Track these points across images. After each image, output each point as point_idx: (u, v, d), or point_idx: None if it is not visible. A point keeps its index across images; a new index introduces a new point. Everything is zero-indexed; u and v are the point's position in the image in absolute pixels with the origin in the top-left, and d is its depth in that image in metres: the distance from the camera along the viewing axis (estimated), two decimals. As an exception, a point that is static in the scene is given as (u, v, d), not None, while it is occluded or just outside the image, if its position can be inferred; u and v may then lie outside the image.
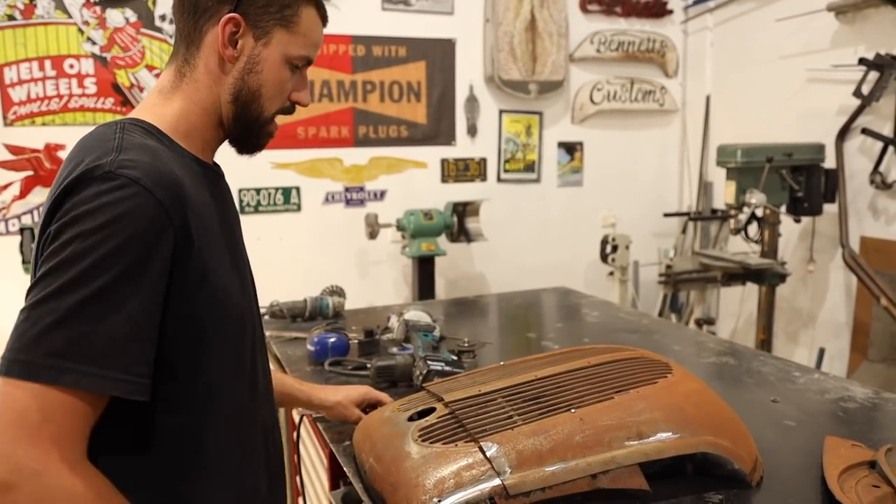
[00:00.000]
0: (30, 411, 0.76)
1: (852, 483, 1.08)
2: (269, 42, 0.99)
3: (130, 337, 0.81)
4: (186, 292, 0.88)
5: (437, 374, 1.48)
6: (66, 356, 0.77)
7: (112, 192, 0.81)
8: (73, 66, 3.13)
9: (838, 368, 3.36)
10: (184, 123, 1.00)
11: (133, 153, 0.86)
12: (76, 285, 0.79)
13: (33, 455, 0.76)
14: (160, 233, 0.84)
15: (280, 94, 1.03)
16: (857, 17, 3.19)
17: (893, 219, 3.12)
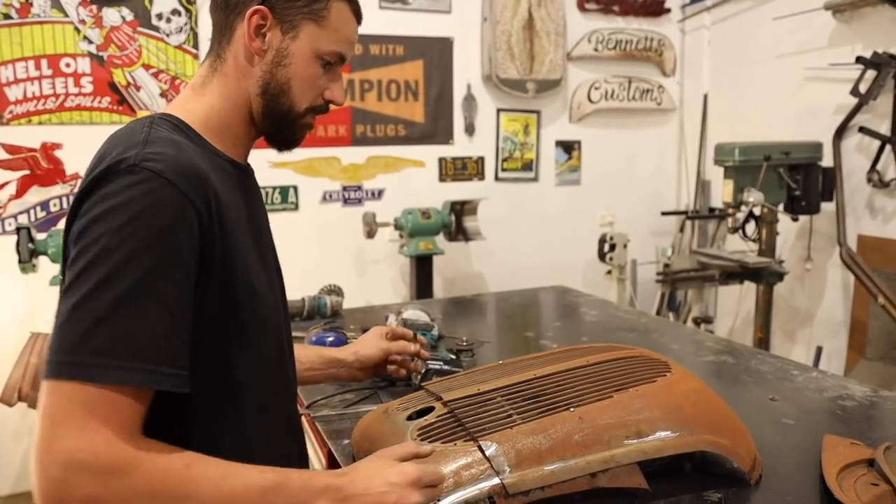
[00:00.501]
0: (73, 406, 0.76)
1: (851, 481, 1.08)
2: (298, 35, 0.99)
3: (171, 329, 0.82)
4: (212, 285, 0.89)
5: (436, 373, 1.48)
6: (112, 354, 0.78)
7: (137, 186, 0.82)
8: (69, 64, 3.12)
9: (836, 367, 3.37)
10: (214, 119, 1.00)
11: (158, 146, 0.87)
12: (112, 281, 0.79)
13: (81, 445, 0.76)
14: (187, 224, 0.84)
15: (311, 89, 1.02)
16: (855, 15, 3.19)
17: (891, 217, 3.13)
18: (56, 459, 0.76)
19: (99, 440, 0.77)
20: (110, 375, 0.77)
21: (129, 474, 0.77)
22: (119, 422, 0.79)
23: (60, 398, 0.77)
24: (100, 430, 0.77)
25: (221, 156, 1.00)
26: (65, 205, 3.18)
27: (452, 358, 1.56)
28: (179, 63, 3.29)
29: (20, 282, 3.00)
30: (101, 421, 0.77)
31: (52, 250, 2.80)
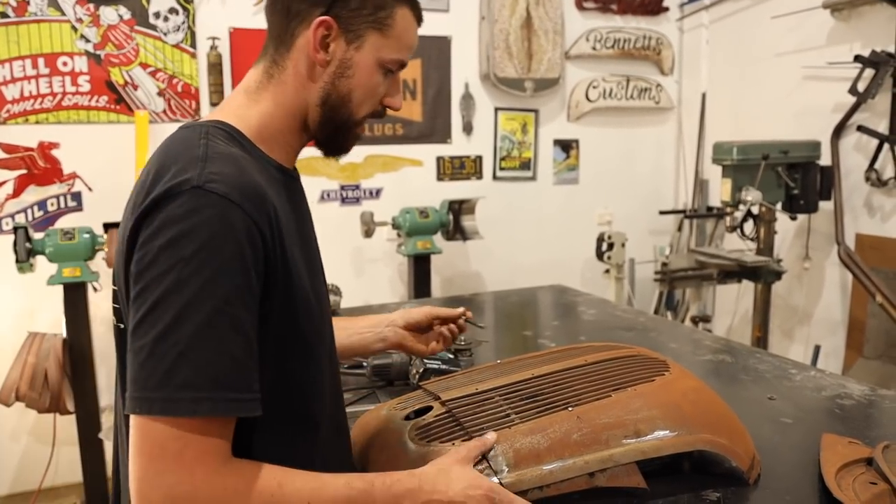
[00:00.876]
0: (168, 440, 0.78)
1: (850, 480, 1.07)
2: (362, 46, 0.97)
3: (248, 354, 0.83)
4: (275, 301, 0.89)
5: (434, 372, 1.48)
6: (197, 387, 0.79)
7: (203, 210, 0.81)
8: (66, 63, 3.11)
9: (834, 366, 3.37)
10: (268, 127, 0.98)
11: (218, 164, 0.86)
12: (190, 314, 0.79)
13: (181, 479, 0.78)
14: (254, 246, 0.84)
15: (371, 98, 1.01)
16: (853, 14, 3.19)
17: (889, 216, 3.13)
18: (158, 494, 0.78)
19: (198, 473, 0.79)
20: (200, 408, 0.79)
21: (228, 500, 0.80)
22: (213, 451, 0.81)
23: (155, 434, 0.79)
24: (196, 462, 0.79)
25: (273, 164, 0.99)
26: (62, 204, 3.18)
27: (450, 357, 1.56)
28: (177, 62, 3.28)
29: (17, 282, 2.99)
30: (196, 453, 0.79)
31: (50, 250, 2.80)
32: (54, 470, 3.14)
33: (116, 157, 3.18)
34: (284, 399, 0.93)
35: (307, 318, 0.95)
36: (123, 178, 3.09)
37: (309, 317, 0.96)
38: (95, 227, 2.93)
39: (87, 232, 2.87)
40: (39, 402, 2.83)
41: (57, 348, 2.86)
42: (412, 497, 0.91)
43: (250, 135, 0.97)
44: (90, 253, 2.87)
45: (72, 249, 2.82)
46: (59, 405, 2.87)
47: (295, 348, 0.94)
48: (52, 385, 2.82)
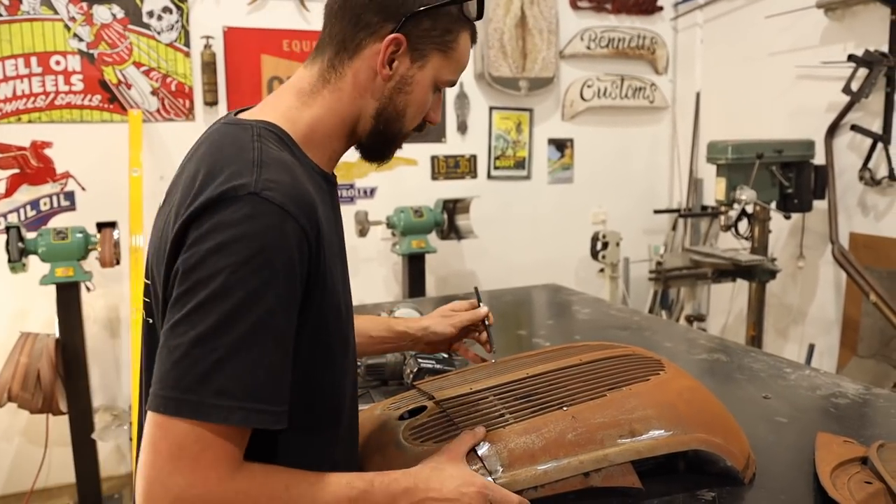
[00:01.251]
0: (188, 442, 0.78)
1: (845, 479, 1.07)
2: (425, 65, 0.98)
3: (284, 367, 0.83)
4: (311, 310, 0.88)
5: (428, 372, 1.47)
6: (233, 395, 0.79)
7: (259, 219, 0.81)
8: (59, 62, 3.09)
9: (828, 364, 3.37)
10: (317, 132, 0.98)
11: (274, 171, 0.85)
12: (234, 321, 0.79)
13: (193, 481, 0.78)
14: (303, 260, 0.84)
15: (420, 113, 1.02)
16: (846, 13, 3.20)
17: (882, 215, 3.13)
18: (169, 493, 0.78)
19: (212, 478, 0.79)
20: (232, 417, 0.79)
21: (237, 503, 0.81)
22: (229, 457, 0.80)
23: (176, 434, 0.78)
24: (212, 467, 0.79)
25: (318, 170, 0.98)
26: (55, 203, 3.16)
27: (445, 357, 1.55)
28: (171, 61, 3.27)
29: (10, 281, 2.98)
30: (213, 457, 0.79)
31: (42, 249, 2.78)
32: (47, 471, 3.13)
33: (110, 157, 3.16)
34: (308, 401, 0.93)
35: (336, 327, 0.95)
36: (117, 178, 3.07)
37: (338, 325, 0.96)
38: (89, 226, 2.91)
39: (80, 231, 2.86)
40: (32, 403, 2.81)
41: (49, 348, 2.84)
42: (409, 496, 0.92)
43: (298, 139, 0.96)
44: (83, 253, 2.85)
45: (64, 249, 2.81)
46: (52, 406, 2.86)
47: (324, 355, 0.94)
48: (45, 385, 2.81)
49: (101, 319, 3.26)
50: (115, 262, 2.88)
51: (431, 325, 1.35)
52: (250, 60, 3.39)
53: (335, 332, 0.95)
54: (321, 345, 0.92)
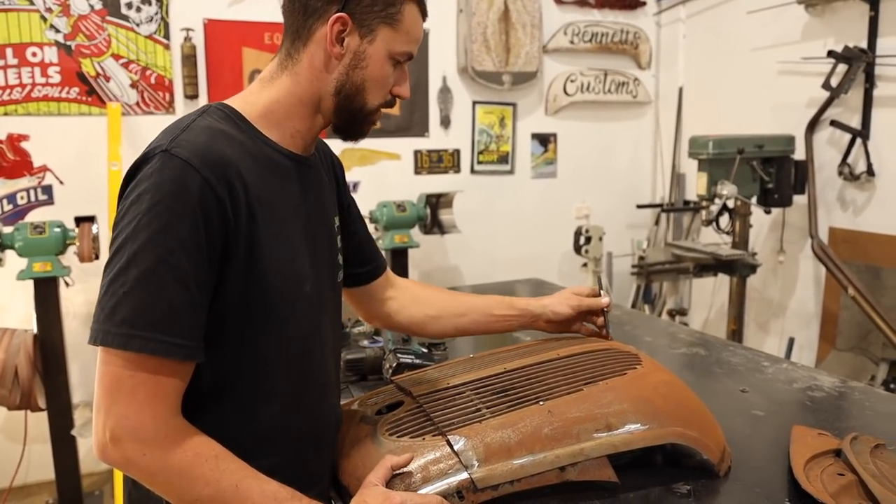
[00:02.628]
0: (123, 376, 0.88)
1: (818, 471, 1.08)
2: (374, 39, 1.03)
3: (188, 303, 0.90)
4: (237, 268, 0.95)
5: (407, 367, 1.47)
6: (133, 324, 0.87)
7: (164, 171, 0.90)
8: (35, 54, 3.05)
9: (808, 357, 3.41)
10: (274, 113, 1.05)
11: (192, 134, 0.95)
12: (137, 259, 0.88)
13: (128, 412, 0.88)
14: (208, 208, 0.91)
15: (382, 88, 1.07)
16: (827, 9, 3.22)
17: (861, 210, 3.16)
18: (108, 421, 0.88)
19: (146, 411, 0.88)
20: (131, 344, 0.87)
21: (167, 450, 0.89)
22: (163, 397, 0.90)
23: (111, 367, 0.89)
24: (146, 402, 0.88)
25: (274, 147, 1.04)
26: (32, 197, 3.12)
27: (424, 352, 1.55)
28: (150, 53, 3.23)
29: (-14, 275, 2.93)
30: (147, 394, 0.89)
31: (19, 244, 2.74)
32: (26, 467, 3.09)
33: (88, 150, 3.12)
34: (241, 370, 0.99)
35: (278, 294, 0.99)
36: (95, 172, 3.04)
37: (281, 293, 1.00)
38: (67, 220, 2.87)
39: (58, 226, 2.82)
40: (10, 399, 2.78)
41: (27, 344, 2.81)
42: None
43: (253, 118, 1.04)
44: (61, 247, 2.81)
45: (42, 244, 2.77)
46: (31, 402, 2.82)
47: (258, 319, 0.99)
48: (23, 381, 2.77)
49: (81, 315, 3.23)
50: (94, 256, 2.84)
51: (551, 304, 1.39)
52: (231, 53, 3.36)
53: (270, 299, 0.99)
54: (251, 310, 0.98)
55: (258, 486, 0.91)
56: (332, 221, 1.17)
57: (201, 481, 0.89)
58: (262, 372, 1.01)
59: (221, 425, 0.97)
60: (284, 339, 1.02)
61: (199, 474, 0.89)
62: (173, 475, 0.89)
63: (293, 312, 1.03)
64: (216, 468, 0.90)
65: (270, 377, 1.02)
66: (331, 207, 1.19)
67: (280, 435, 1.03)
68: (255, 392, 1.01)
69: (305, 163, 1.11)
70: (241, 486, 0.90)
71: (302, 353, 1.06)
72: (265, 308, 0.99)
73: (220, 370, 0.98)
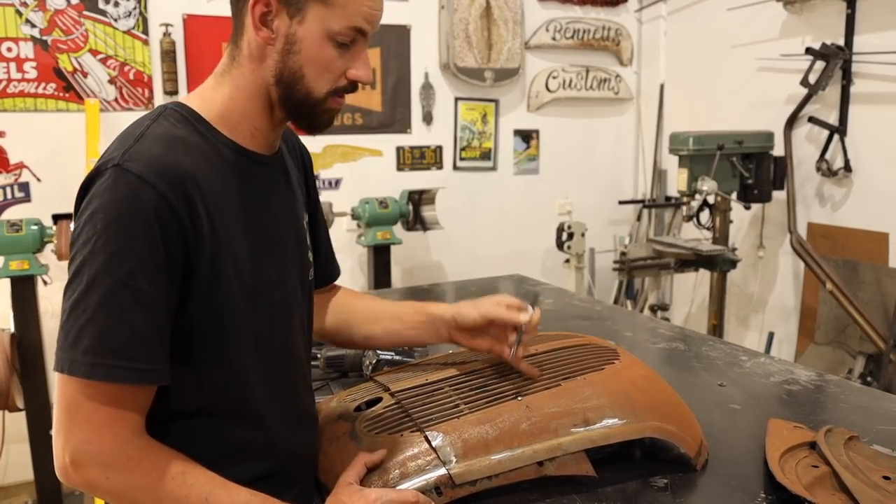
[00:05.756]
0: (81, 401, 0.86)
1: (793, 464, 1.09)
2: (304, 19, 0.94)
3: (151, 326, 0.87)
4: (200, 282, 0.91)
5: (387, 363, 1.47)
6: (96, 352, 0.85)
7: (117, 188, 0.86)
8: (10, 49, 3.00)
9: (787, 352, 3.44)
10: (231, 111, 0.99)
11: (146, 144, 0.90)
12: (97, 282, 0.85)
13: (89, 438, 0.86)
14: (165, 224, 0.87)
15: (326, 73, 0.97)
16: (805, 7, 3.25)
17: (839, 205, 3.20)
18: (67, 446, 0.86)
19: (106, 435, 0.86)
20: (95, 373, 0.85)
21: (130, 471, 0.87)
22: (123, 420, 0.87)
23: (70, 392, 0.86)
24: (106, 426, 0.86)
25: (234, 148, 0.98)
26: (9, 195, 3.08)
27: (404, 349, 1.54)
28: (129, 49, 3.20)
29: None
30: (106, 418, 0.86)
31: (-5, 242, 2.71)
32: (4, 468, 3.06)
33: (66, 147, 3.09)
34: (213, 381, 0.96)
35: (238, 308, 0.95)
36: (73, 169, 3.00)
37: (246, 301, 0.96)
38: (44, 218, 2.84)
39: (36, 224, 2.79)
40: (-13, 400, 2.74)
41: (4, 343, 2.77)
42: None
43: (211, 117, 0.98)
44: (38, 245, 2.78)
45: (19, 242, 2.74)
46: (8, 402, 2.79)
47: (223, 334, 0.95)
48: (1, 381, 2.74)
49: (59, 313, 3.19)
50: (72, 254, 2.81)
51: (461, 306, 1.21)
52: (211, 49, 3.33)
53: (238, 311, 0.95)
54: (219, 321, 0.94)
55: (228, 497, 0.89)
56: (300, 219, 1.12)
57: (169, 499, 0.87)
58: (235, 384, 0.97)
59: (195, 441, 0.94)
60: (255, 350, 0.98)
61: (167, 492, 0.87)
62: (139, 495, 0.87)
63: (263, 321, 0.99)
64: (183, 484, 0.88)
65: (244, 389, 0.98)
66: (299, 205, 1.13)
67: (257, 446, 1.00)
68: (228, 405, 0.97)
69: (270, 162, 1.05)
70: (210, 498, 0.88)
71: (275, 360, 1.02)
72: (234, 320, 0.95)
73: (191, 386, 0.94)
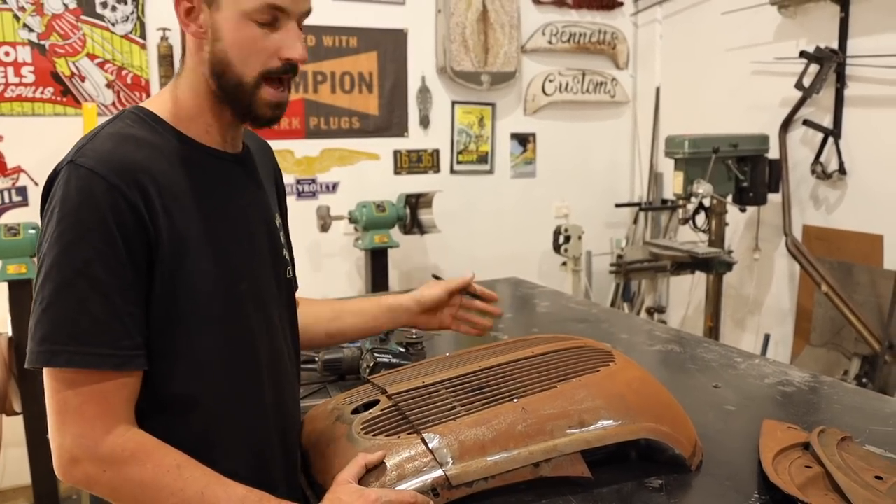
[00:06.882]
0: (68, 396, 0.88)
1: (786, 464, 1.10)
2: (219, 6, 0.96)
3: (110, 313, 0.89)
4: (161, 272, 0.93)
5: (384, 366, 1.47)
6: (55, 340, 0.87)
7: (71, 183, 0.89)
8: (8, 53, 3.01)
9: (783, 353, 3.46)
10: (183, 109, 1.02)
11: (99, 142, 0.93)
12: (53, 274, 0.88)
13: (82, 431, 0.88)
14: (120, 214, 0.89)
15: (252, 55, 0.97)
16: (799, 11, 3.26)
17: (833, 207, 3.22)
18: (63, 443, 0.88)
19: (98, 427, 0.88)
20: (56, 360, 0.87)
21: (125, 465, 0.88)
22: (112, 413, 0.89)
23: (56, 388, 0.88)
24: (97, 417, 0.88)
25: (190, 144, 1.01)
26: (6, 199, 3.08)
27: (401, 351, 1.56)
28: (126, 53, 3.21)
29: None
30: (96, 411, 0.88)
31: (-7, 246, 2.71)
32: (1, 472, 3.06)
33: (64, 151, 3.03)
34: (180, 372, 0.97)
35: (201, 297, 0.96)
36: (71, 173, 3.00)
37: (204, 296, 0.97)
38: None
39: (33, 227, 2.79)
40: (-16, 404, 2.74)
41: (2, 347, 2.77)
42: None
43: (168, 117, 1.01)
44: (36, 249, 2.78)
45: (16, 245, 2.74)
46: (6, 406, 2.79)
47: (188, 324, 0.96)
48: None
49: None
50: (70, 258, 2.82)
51: (421, 292, 1.37)
52: (208, 53, 3.33)
53: (202, 300, 0.96)
54: (183, 310, 0.95)
55: (224, 492, 0.90)
56: (272, 217, 1.13)
57: (166, 492, 0.88)
58: (208, 375, 0.98)
59: (171, 434, 0.94)
60: (224, 340, 0.99)
61: (164, 485, 0.88)
62: (136, 489, 0.89)
63: (230, 312, 1.00)
64: (179, 477, 0.89)
65: (216, 380, 0.99)
66: (271, 204, 1.14)
67: (235, 439, 1.01)
68: (201, 397, 0.98)
69: (230, 158, 1.06)
70: (206, 493, 0.89)
71: (249, 353, 1.03)
72: (197, 309, 0.96)
73: (163, 377, 0.95)
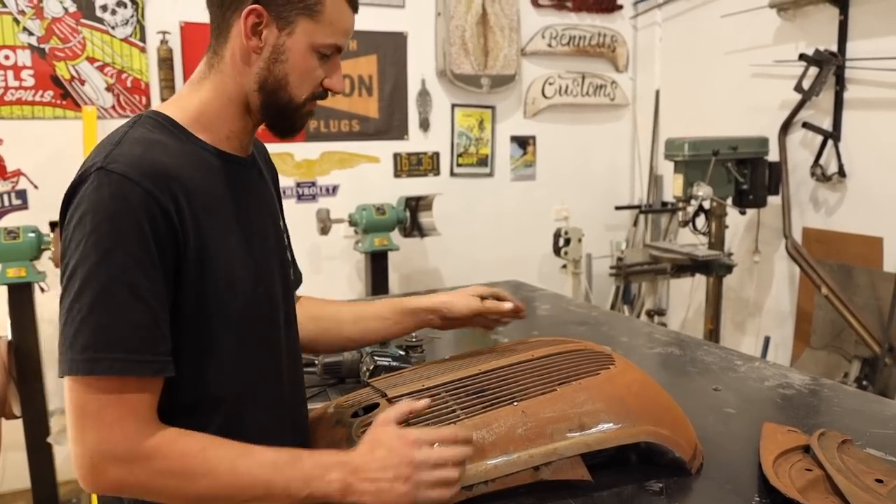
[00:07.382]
0: (88, 402, 0.87)
1: (786, 467, 1.10)
2: (293, 32, 1.00)
3: (149, 318, 0.89)
4: (190, 276, 0.94)
5: (384, 369, 1.47)
6: (97, 348, 0.86)
7: (103, 188, 0.88)
8: (8, 57, 3.01)
9: (783, 356, 3.45)
10: (206, 114, 1.02)
11: (126, 147, 0.93)
12: (91, 282, 0.87)
13: (103, 438, 0.87)
14: (153, 220, 0.89)
15: (308, 81, 1.03)
16: (798, 13, 3.27)
17: (833, 210, 3.22)
18: (85, 451, 0.87)
19: (117, 432, 0.87)
20: (98, 368, 0.86)
21: (151, 459, 0.88)
22: (132, 413, 0.88)
23: (76, 395, 0.88)
24: (116, 422, 0.87)
25: (210, 150, 1.02)
26: (6, 202, 3.08)
27: (401, 354, 1.56)
28: (126, 56, 3.21)
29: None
30: (116, 414, 0.87)
31: (-7, 249, 2.71)
32: (1, 476, 3.05)
33: (63, 154, 3.09)
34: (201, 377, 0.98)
35: (229, 299, 0.98)
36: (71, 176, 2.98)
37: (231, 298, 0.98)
38: (41, 225, 2.85)
39: (33, 231, 2.80)
40: (-17, 407, 2.74)
41: (1, 351, 2.77)
42: (343, 465, 0.94)
43: (186, 122, 1.01)
44: (35, 252, 2.79)
45: (16, 249, 2.74)
46: (5, 409, 2.79)
47: (211, 329, 0.97)
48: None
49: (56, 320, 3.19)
50: (70, 261, 2.82)
51: (451, 302, 1.35)
52: (208, 56, 3.34)
53: (226, 305, 0.98)
54: (207, 316, 0.96)
55: (254, 460, 0.91)
56: (277, 219, 1.16)
57: (197, 475, 0.89)
58: (232, 377, 1.00)
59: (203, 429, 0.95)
60: (244, 344, 1.01)
61: (193, 471, 0.89)
62: (168, 480, 0.89)
63: (249, 315, 1.02)
64: (206, 460, 0.90)
65: (240, 381, 1.01)
66: (274, 206, 1.17)
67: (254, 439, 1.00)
68: (225, 399, 1.00)
69: (244, 163, 1.09)
70: (236, 467, 0.90)
71: (268, 354, 1.06)
72: (221, 314, 0.97)
73: (189, 380, 0.96)
